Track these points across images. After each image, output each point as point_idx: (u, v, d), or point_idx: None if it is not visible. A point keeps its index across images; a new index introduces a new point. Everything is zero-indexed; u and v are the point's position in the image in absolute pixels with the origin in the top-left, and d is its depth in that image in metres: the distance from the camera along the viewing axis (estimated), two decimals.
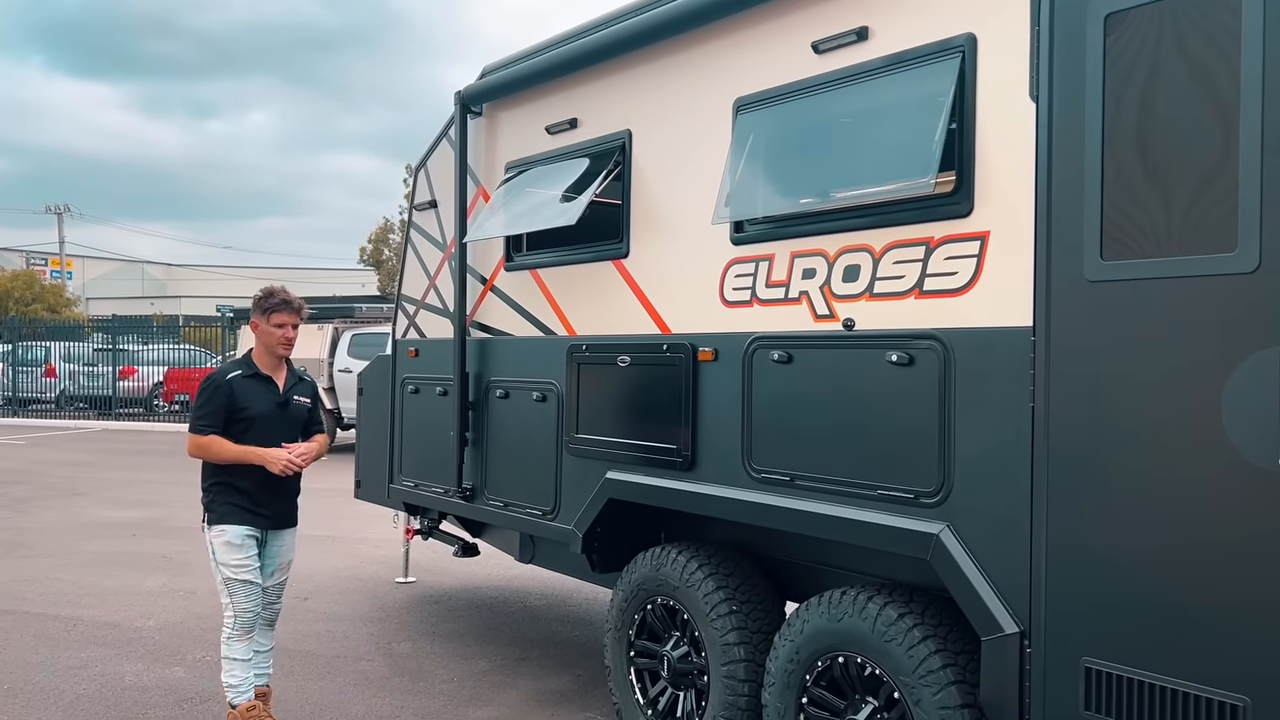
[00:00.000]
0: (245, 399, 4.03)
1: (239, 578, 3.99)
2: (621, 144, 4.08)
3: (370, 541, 8.39)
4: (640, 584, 3.96)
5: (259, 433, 4.02)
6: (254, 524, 4.05)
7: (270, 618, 4.23)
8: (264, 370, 4.13)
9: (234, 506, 4.02)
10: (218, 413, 4.00)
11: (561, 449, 4.35)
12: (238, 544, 3.99)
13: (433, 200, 5.40)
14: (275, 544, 4.17)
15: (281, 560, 4.21)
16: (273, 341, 4.10)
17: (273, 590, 4.20)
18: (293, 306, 4.12)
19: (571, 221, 4.01)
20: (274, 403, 4.10)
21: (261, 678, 4.17)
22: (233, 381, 4.04)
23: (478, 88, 4.87)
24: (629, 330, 4.01)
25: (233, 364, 4.20)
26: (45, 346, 23.04)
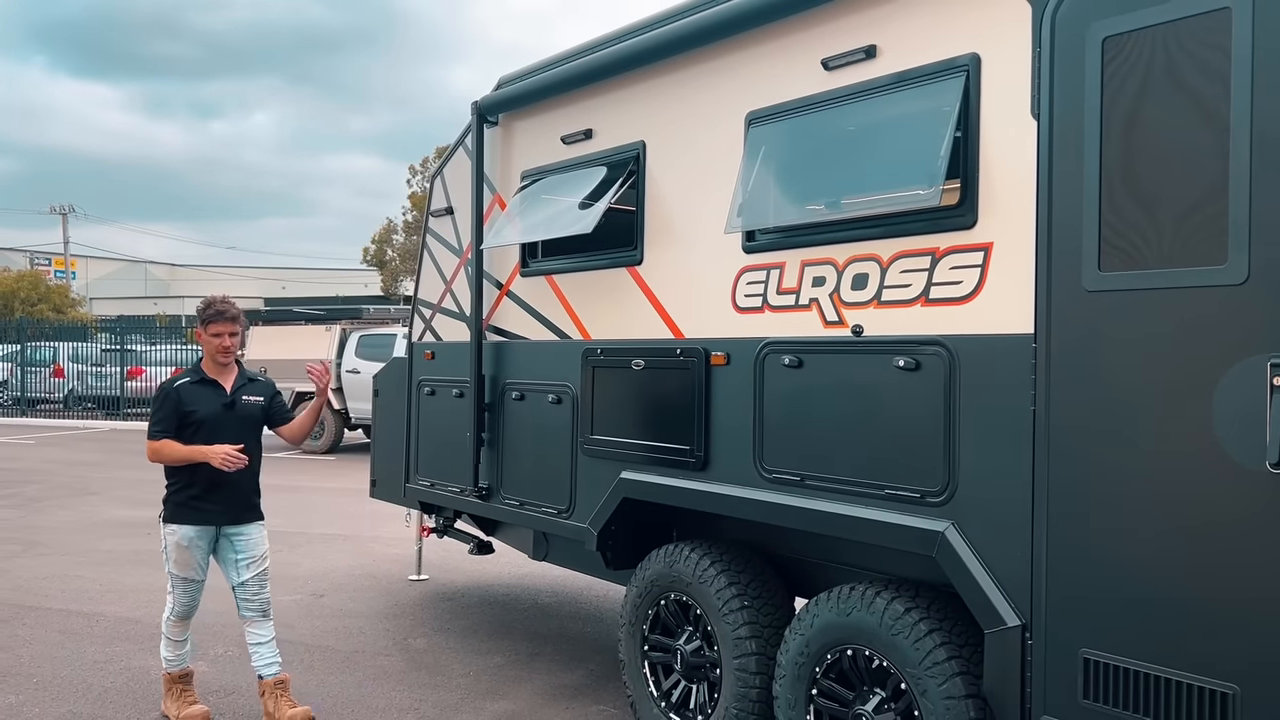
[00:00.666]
0: (192, 403, 4.35)
1: (182, 575, 4.38)
2: (636, 154, 4.21)
3: (382, 540, 8.53)
4: (654, 580, 4.09)
5: (207, 433, 4.33)
6: (203, 521, 4.35)
7: (260, 609, 4.44)
8: (211, 375, 4.45)
9: (184, 506, 4.34)
10: (169, 418, 4.32)
11: (576, 449, 4.49)
12: (185, 545, 4.34)
13: (449, 207, 5.53)
14: (239, 540, 4.42)
15: (252, 554, 4.44)
16: (211, 349, 4.44)
17: (253, 583, 4.42)
18: (227, 316, 4.43)
19: (588, 230, 4.14)
20: (220, 405, 4.40)
21: (271, 667, 4.42)
22: (180, 388, 4.38)
23: (494, 98, 5.00)
24: (643, 335, 4.15)
25: (185, 372, 4.54)
26: (53, 347, 23.18)
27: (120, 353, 21.71)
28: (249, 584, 4.41)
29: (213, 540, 4.39)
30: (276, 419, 4.59)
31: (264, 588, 4.46)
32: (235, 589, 4.43)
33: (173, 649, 4.47)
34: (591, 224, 4.14)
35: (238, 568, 4.40)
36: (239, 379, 4.50)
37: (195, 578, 4.40)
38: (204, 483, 4.31)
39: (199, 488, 4.31)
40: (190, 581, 4.39)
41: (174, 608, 4.42)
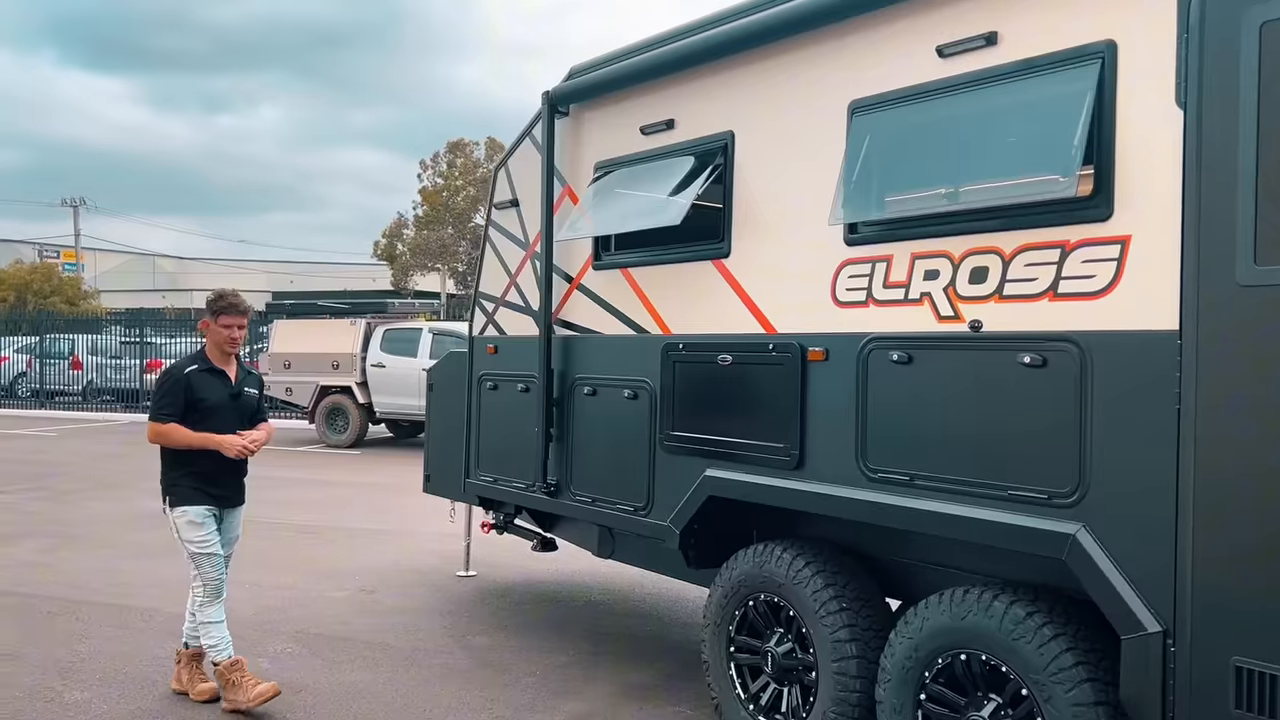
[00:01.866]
0: (202, 390, 4.47)
1: (205, 551, 4.46)
2: (724, 145, 4.12)
3: (423, 535, 8.45)
4: (742, 581, 4.00)
5: (214, 421, 4.47)
6: (211, 504, 4.50)
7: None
8: (217, 365, 4.58)
9: (193, 489, 4.46)
10: (177, 402, 4.43)
11: (655, 446, 4.40)
12: (199, 522, 4.45)
13: (514, 199, 5.44)
14: (228, 522, 4.64)
15: (232, 535, 4.68)
16: (221, 340, 4.56)
17: (224, 561, 4.62)
18: (239, 309, 4.58)
19: (676, 221, 4.05)
20: (228, 394, 4.55)
21: (197, 641, 4.58)
22: (190, 375, 4.48)
23: (566, 89, 4.91)
24: (730, 329, 4.06)
25: (188, 359, 4.63)
26: (70, 339, 23.13)
27: (140, 345, 21.65)
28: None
29: (217, 519, 4.55)
30: (259, 416, 4.76)
31: (227, 568, 4.65)
32: None
33: (216, 633, 4.48)
34: (680, 215, 4.04)
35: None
36: (240, 371, 4.67)
37: (217, 551, 4.50)
38: (211, 469, 4.46)
39: (207, 473, 4.46)
40: (214, 556, 4.48)
41: (204, 589, 4.47)
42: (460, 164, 43.93)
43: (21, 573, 6.99)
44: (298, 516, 9.37)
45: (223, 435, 4.42)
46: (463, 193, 43.68)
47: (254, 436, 4.55)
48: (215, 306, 4.55)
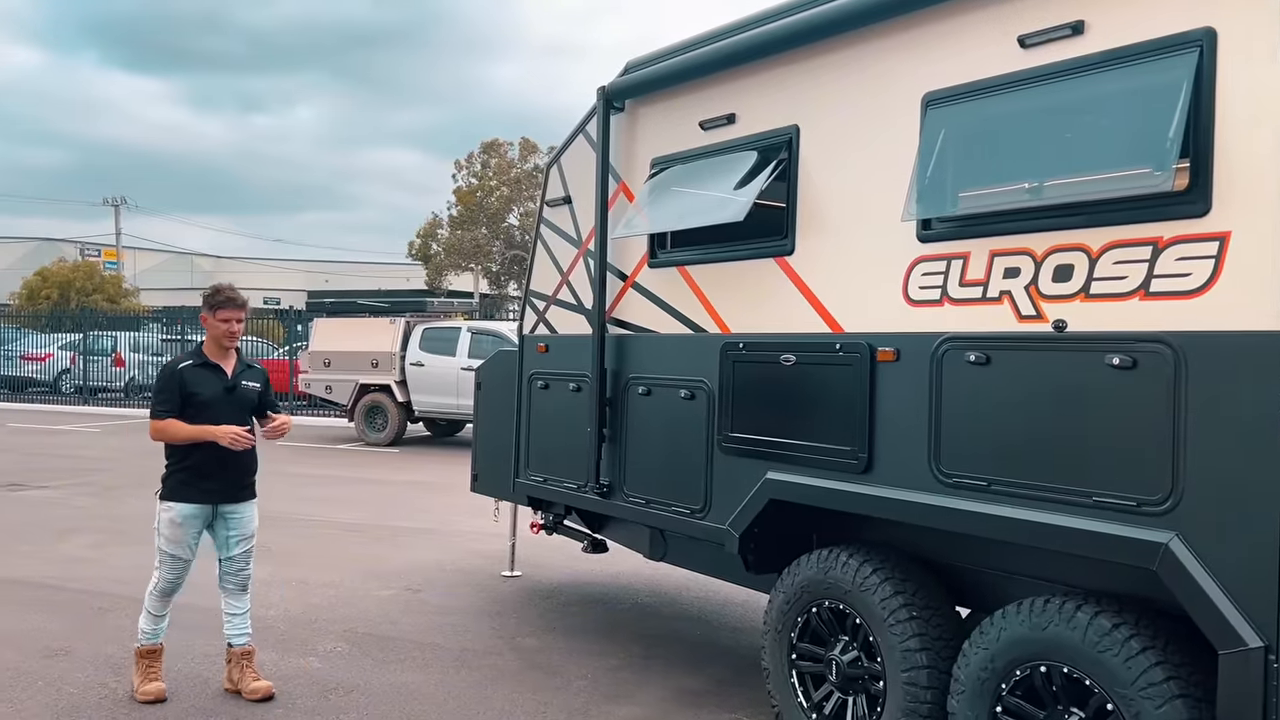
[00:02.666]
0: (195, 385, 4.47)
1: (170, 552, 4.48)
2: (788, 139, 4.02)
3: (466, 534, 8.42)
4: (805, 586, 3.90)
5: (209, 415, 4.44)
6: (201, 500, 4.47)
7: (242, 584, 4.65)
8: (213, 359, 4.57)
9: (182, 484, 4.45)
10: (172, 398, 4.43)
11: (712, 448, 4.31)
12: (179, 523, 4.45)
13: (566, 196, 5.38)
14: (233, 518, 4.57)
15: (243, 531, 4.61)
16: (218, 334, 4.55)
17: (240, 558, 4.62)
18: (236, 303, 4.56)
19: (739, 218, 3.96)
20: (222, 388, 4.52)
21: (242, 637, 4.64)
22: (183, 370, 4.50)
23: (623, 84, 4.83)
24: (793, 329, 3.96)
25: (185, 355, 4.64)
26: (113, 336, 23.42)
27: (180, 343, 21.87)
28: (236, 559, 4.60)
29: (207, 519, 4.53)
30: (264, 408, 4.71)
31: (249, 564, 4.66)
32: (222, 562, 4.61)
33: (152, 623, 4.55)
34: (743, 211, 3.95)
35: (229, 543, 4.58)
36: (239, 365, 4.64)
37: (184, 556, 4.50)
38: (206, 462, 4.42)
39: (201, 467, 4.43)
40: (179, 560, 4.48)
41: (159, 583, 4.50)
42: (494, 164, 44.09)
43: (72, 568, 7.03)
44: (341, 514, 9.38)
45: (216, 426, 4.39)
46: (496, 193, 43.85)
47: (240, 429, 4.43)
48: (213, 301, 4.54)
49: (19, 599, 6.21)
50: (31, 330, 26.10)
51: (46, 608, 6.01)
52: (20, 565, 7.09)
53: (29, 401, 23.02)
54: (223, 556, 4.60)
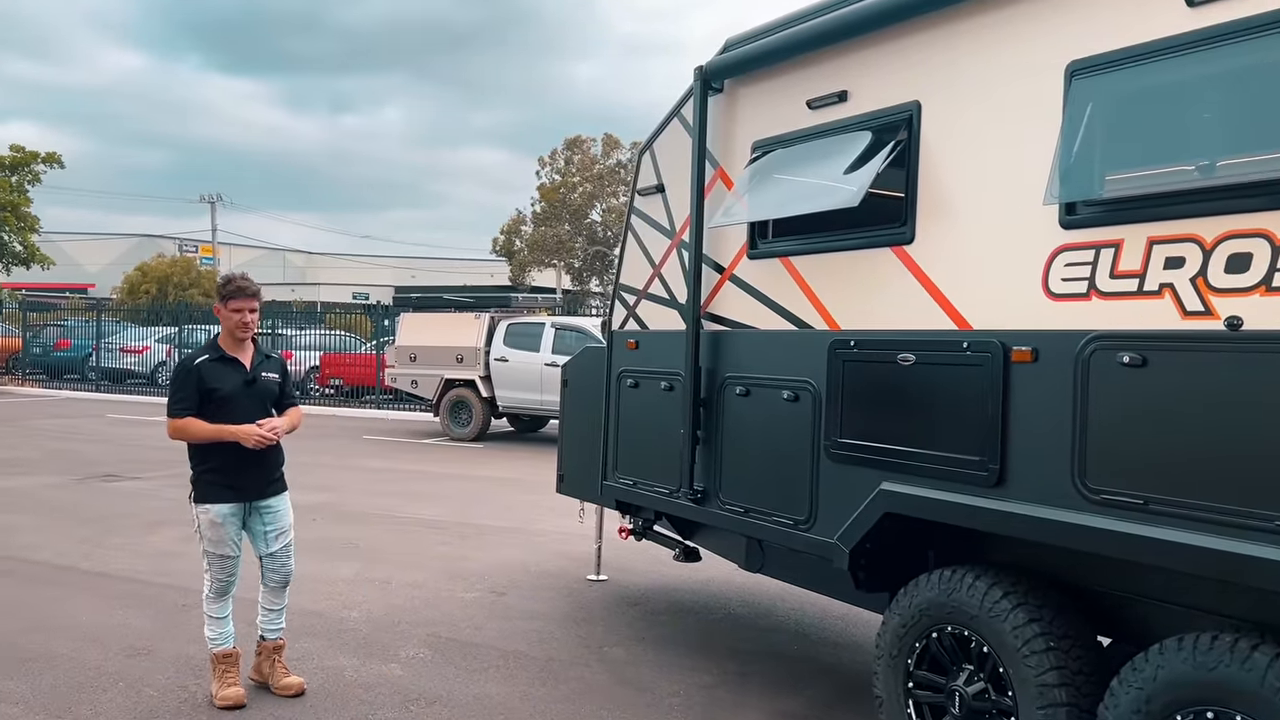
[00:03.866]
0: (214, 380, 4.30)
1: (218, 553, 4.36)
2: (908, 117, 3.67)
3: (550, 535, 8.21)
4: (924, 609, 3.55)
5: (230, 410, 4.29)
6: (235, 499, 4.35)
7: (284, 579, 4.54)
8: (230, 353, 4.40)
9: (215, 485, 4.32)
10: (190, 395, 4.26)
11: (819, 454, 3.98)
12: (219, 523, 4.32)
13: (659, 184, 5.09)
14: (268, 513, 4.45)
15: (279, 526, 4.48)
16: (231, 325, 4.38)
17: (281, 554, 4.50)
18: (248, 293, 4.37)
19: (853, 204, 3.62)
20: (241, 381, 4.37)
21: (275, 633, 4.58)
22: (200, 366, 4.32)
23: (721, 62, 4.52)
24: (913, 325, 3.61)
25: (201, 349, 4.45)
26: (208, 330, 23.96)
27: (271, 337, 22.26)
28: (277, 555, 4.49)
29: (244, 515, 4.41)
30: (283, 399, 4.57)
31: (290, 558, 4.55)
32: (263, 559, 4.49)
33: (217, 627, 4.42)
34: (858, 197, 3.61)
35: (266, 539, 4.46)
36: (256, 356, 4.49)
37: (231, 554, 4.38)
38: (233, 460, 4.29)
39: (229, 466, 4.30)
40: (226, 558, 4.37)
41: (212, 585, 4.39)
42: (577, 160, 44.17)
43: (159, 562, 7.03)
44: (424, 510, 9.27)
45: (239, 425, 4.25)
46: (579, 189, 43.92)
47: (273, 424, 4.36)
48: (224, 291, 4.37)
49: (108, 593, 6.20)
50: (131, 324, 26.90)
51: (133, 603, 5.97)
52: (111, 559, 7.11)
53: (127, 393, 23.73)
54: (263, 554, 4.48)
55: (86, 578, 6.60)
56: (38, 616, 5.68)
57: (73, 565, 6.92)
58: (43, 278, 34.02)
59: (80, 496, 9.77)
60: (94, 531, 8.03)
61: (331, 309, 28.26)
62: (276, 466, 4.50)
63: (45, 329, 27.56)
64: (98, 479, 10.88)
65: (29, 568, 6.85)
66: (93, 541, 7.67)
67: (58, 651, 5.05)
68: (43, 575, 6.66)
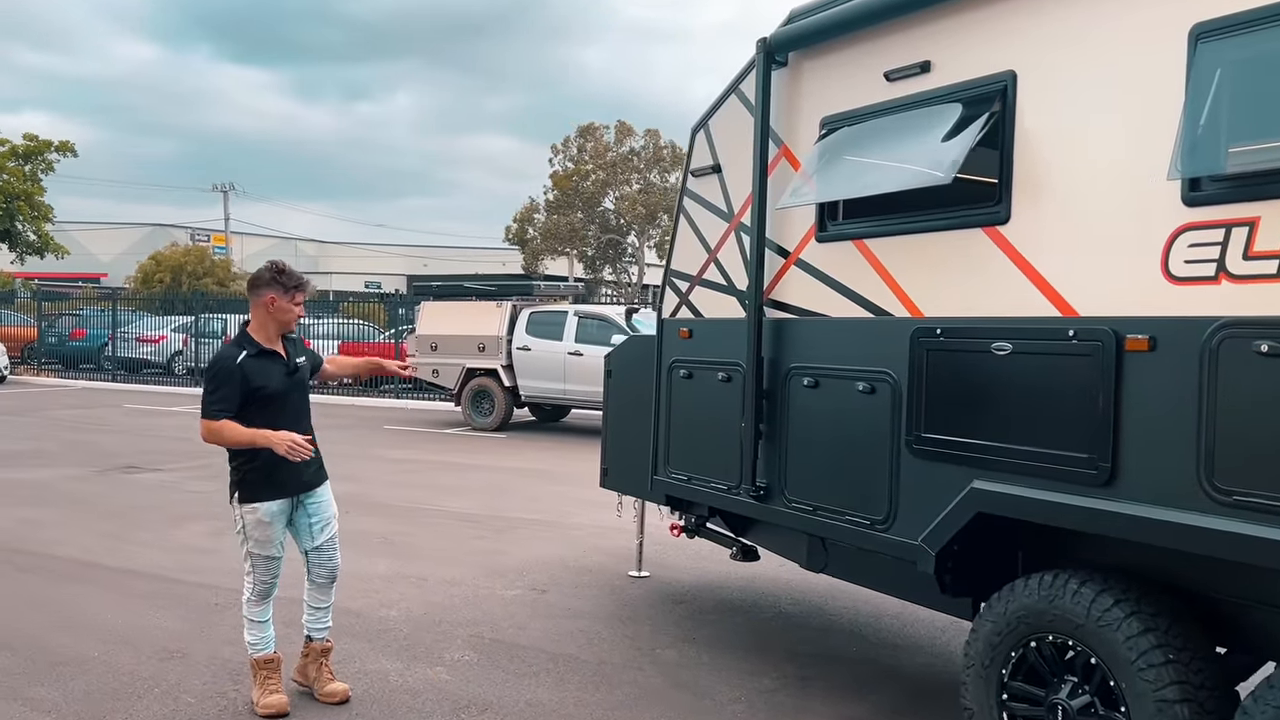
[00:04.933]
0: (260, 378, 4.04)
1: (263, 554, 4.15)
2: (1001, 88, 3.41)
3: (585, 528, 7.99)
4: (1021, 616, 3.31)
5: (279, 407, 4.08)
6: (281, 495, 4.15)
7: (330, 574, 4.33)
8: (267, 345, 4.14)
9: (259, 483, 4.09)
10: (232, 396, 3.99)
11: (899, 450, 3.74)
12: (267, 522, 4.11)
13: (715, 164, 4.84)
14: (313, 504, 4.26)
15: (324, 516, 4.29)
16: (290, 319, 4.16)
17: (327, 546, 4.29)
18: (308, 286, 4.22)
19: (945, 179, 3.37)
20: (285, 375, 4.15)
21: (320, 633, 4.35)
22: (243, 364, 4.03)
23: (787, 34, 4.27)
24: (1009, 311, 3.36)
25: (234, 345, 4.13)
26: (223, 319, 23.82)
27: None
28: (324, 548, 4.28)
29: (290, 511, 4.22)
30: (315, 369, 4.44)
31: (336, 550, 4.34)
32: (308, 554, 4.29)
33: (257, 631, 4.22)
34: (951, 172, 3.36)
35: (312, 532, 4.25)
36: (287, 343, 4.25)
37: (276, 554, 4.18)
38: (274, 457, 3.98)
39: (270, 462, 4.02)
40: (272, 560, 4.17)
41: (254, 588, 4.18)
42: (590, 148, 43.87)
43: (187, 558, 6.83)
44: (454, 503, 9.07)
45: (273, 432, 3.92)
46: (592, 176, 43.64)
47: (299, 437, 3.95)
48: (289, 282, 4.10)
49: (137, 592, 6.00)
50: (146, 313, 26.76)
51: (163, 602, 5.77)
52: (137, 555, 6.92)
53: (144, 383, 23.61)
54: (308, 548, 4.27)
55: (113, 574, 6.41)
56: (65, 616, 5.49)
57: (98, 561, 6.74)
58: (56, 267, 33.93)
59: (101, 489, 9.59)
60: (118, 526, 7.85)
61: (346, 298, 28.09)
62: (317, 455, 4.24)
63: (60, 318, 27.46)
64: (118, 470, 10.72)
65: (54, 564, 6.67)
66: (117, 536, 7.49)
67: (89, 654, 4.85)
68: (68, 572, 6.48)
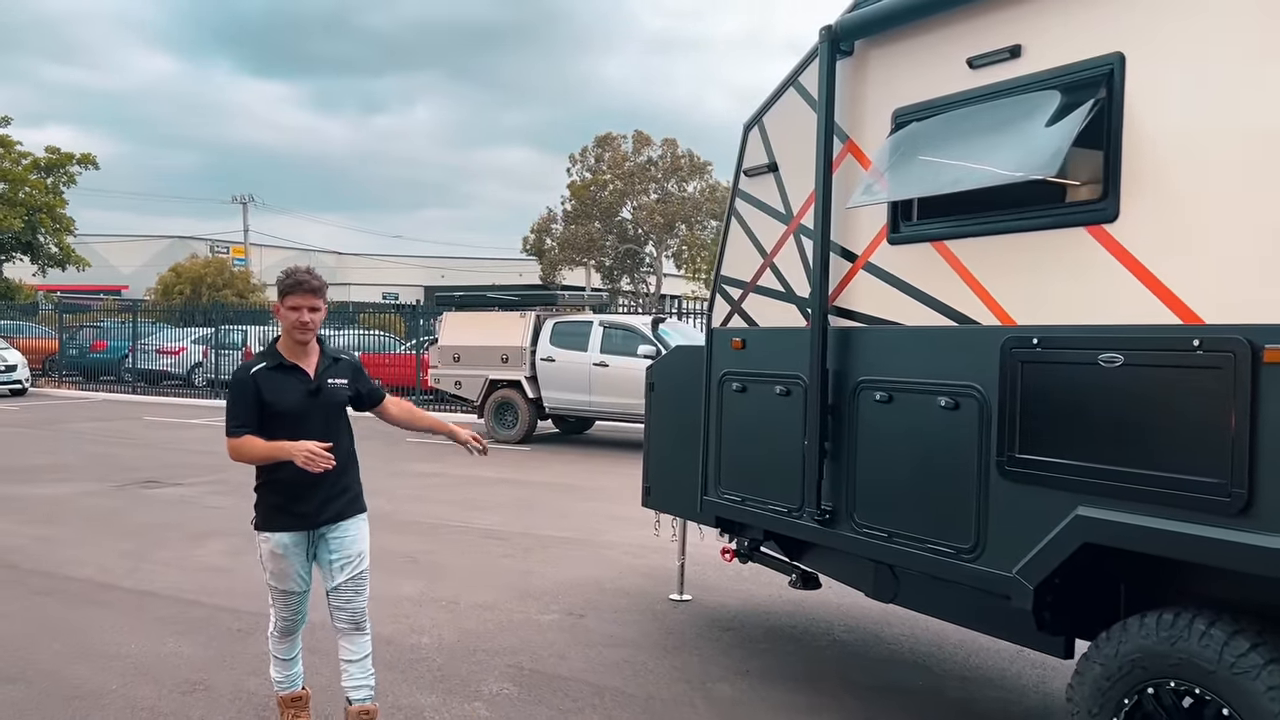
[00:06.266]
0: (273, 392, 3.68)
1: (279, 587, 3.80)
2: (1107, 72, 3.08)
3: (618, 547, 7.66)
4: (1136, 659, 2.96)
5: (292, 426, 3.64)
6: (295, 527, 3.73)
7: (352, 620, 3.80)
8: (290, 359, 3.74)
9: (274, 510, 3.74)
10: (249, 411, 3.66)
11: (988, 472, 3.40)
12: (279, 553, 3.74)
13: (771, 163, 4.53)
14: (335, 539, 3.78)
15: (347, 553, 3.79)
16: (289, 325, 3.71)
17: (346, 588, 3.78)
18: (307, 287, 3.68)
19: (1049, 172, 3.04)
20: (304, 392, 3.71)
21: (361, 690, 3.80)
22: (257, 376, 3.70)
23: (855, 20, 3.95)
24: (1119, 319, 3.02)
25: (258, 356, 3.81)
26: (243, 330, 23.66)
27: None
28: (342, 589, 3.77)
29: (311, 544, 3.79)
30: (367, 400, 3.97)
31: (359, 594, 3.82)
32: (329, 594, 3.81)
33: (281, 669, 3.93)
34: (1056, 165, 3.03)
35: (331, 569, 3.78)
36: (323, 361, 3.80)
37: (295, 589, 3.80)
38: (295, 479, 3.62)
39: (289, 487, 3.67)
40: (290, 594, 3.80)
41: (276, 624, 3.87)
42: (608, 158, 43.69)
43: (208, 579, 6.55)
44: (480, 519, 8.75)
45: (292, 442, 3.53)
46: (610, 186, 43.44)
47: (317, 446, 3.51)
48: (282, 285, 3.70)
49: (156, 616, 5.72)
50: (166, 325, 26.65)
51: (183, 627, 5.48)
52: (157, 576, 6.64)
53: (163, 394, 23.45)
54: (328, 588, 3.79)
55: (132, 597, 6.13)
56: (83, 643, 5.21)
57: (116, 583, 6.46)
58: (77, 279, 33.97)
59: (121, 504, 9.34)
60: (137, 545, 7.58)
61: (365, 309, 27.93)
62: (347, 486, 3.80)
63: (81, 330, 27.38)
64: (138, 485, 10.46)
65: (72, 585, 6.40)
66: (136, 556, 7.21)
67: (107, 687, 4.56)
68: (86, 594, 6.20)
